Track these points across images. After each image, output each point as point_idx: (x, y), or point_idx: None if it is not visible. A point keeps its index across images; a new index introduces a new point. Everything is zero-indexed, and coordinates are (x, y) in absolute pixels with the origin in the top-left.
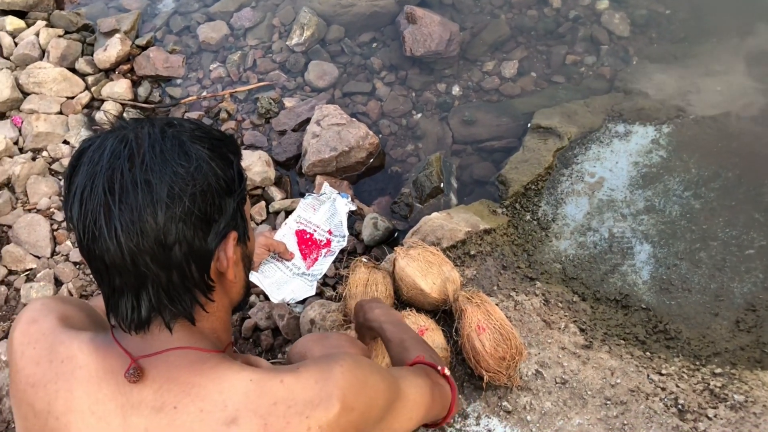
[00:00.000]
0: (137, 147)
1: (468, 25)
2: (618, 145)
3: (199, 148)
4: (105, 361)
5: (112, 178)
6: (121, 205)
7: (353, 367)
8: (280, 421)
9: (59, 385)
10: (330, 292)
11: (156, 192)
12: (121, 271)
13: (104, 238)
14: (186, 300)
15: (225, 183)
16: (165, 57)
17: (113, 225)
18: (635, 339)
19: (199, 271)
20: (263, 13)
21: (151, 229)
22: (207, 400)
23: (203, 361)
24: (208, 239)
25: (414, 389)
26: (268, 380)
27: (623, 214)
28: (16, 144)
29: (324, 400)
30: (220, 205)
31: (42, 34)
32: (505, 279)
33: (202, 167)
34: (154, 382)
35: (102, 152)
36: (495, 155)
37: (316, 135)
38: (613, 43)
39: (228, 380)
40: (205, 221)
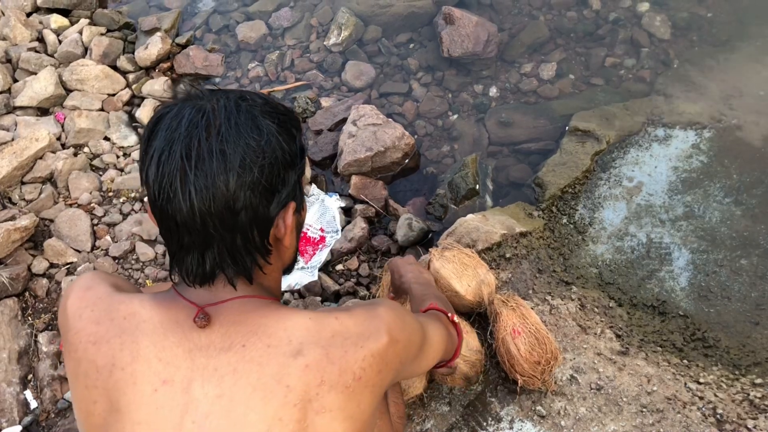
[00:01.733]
0: (213, 118)
1: (506, 27)
2: (657, 149)
3: (269, 122)
4: (169, 312)
5: (189, 145)
6: (197, 171)
7: (394, 307)
8: (339, 350)
9: (123, 339)
10: (363, 291)
11: (230, 161)
12: (191, 230)
13: (179, 199)
14: (247, 261)
15: (290, 156)
16: (204, 56)
17: (188, 188)
18: (672, 346)
19: (260, 235)
20: (301, 13)
21: (222, 194)
22: (273, 337)
23: (266, 306)
24: (270, 207)
25: (435, 332)
26: (325, 318)
27: (662, 219)
28: (59, 140)
29: (374, 332)
30: (284, 176)
31: (85, 32)
32: (540, 283)
33: (271, 141)
34: (222, 326)
35: (180, 120)
36: (531, 158)
37: (352, 135)
38: (654, 46)
39: (290, 319)
40: (270, 191)
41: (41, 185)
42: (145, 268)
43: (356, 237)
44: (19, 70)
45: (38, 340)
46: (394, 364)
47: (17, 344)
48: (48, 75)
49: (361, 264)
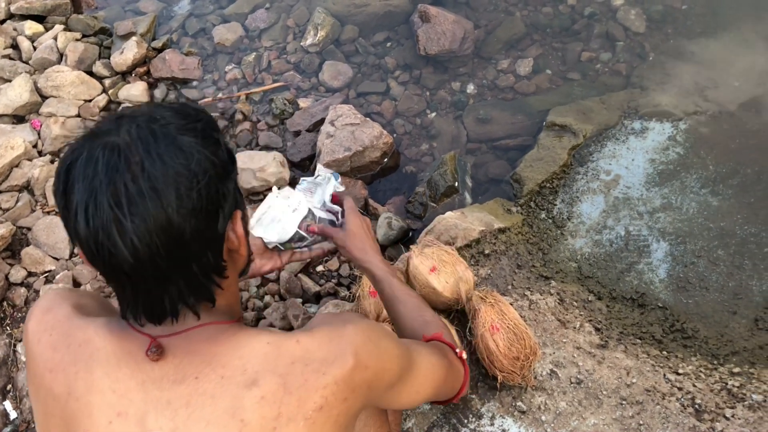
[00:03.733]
0: (131, 154)
1: (482, 23)
2: (634, 142)
3: (189, 139)
4: (122, 342)
5: (116, 192)
6: (132, 217)
7: (366, 328)
8: (299, 379)
9: (78, 367)
10: (344, 292)
11: (164, 197)
12: (144, 277)
13: (121, 250)
14: (206, 286)
15: (222, 167)
16: (181, 59)
17: (128, 237)
18: (652, 338)
19: (215, 256)
20: (277, 15)
21: (167, 232)
22: (227, 367)
23: (221, 332)
24: (218, 225)
25: (427, 364)
26: (285, 341)
27: (639, 211)
28: (35, 147)
29: (339, 356)
30: (223, 190)
31: (60, 38)
32: (519, 278)
33: (200, 160)
34: (175, 357)
35: (95, 165)
36: (510, 154)
37: (330, 135)
38: (629, 39)
39: (246, 345)
40: (214, 210)
41: (18, 193)
42: None
43: None
44: None
45: (17, 350)
46: (363, 390)
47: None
48: (23, 82)
49: (342, 264)
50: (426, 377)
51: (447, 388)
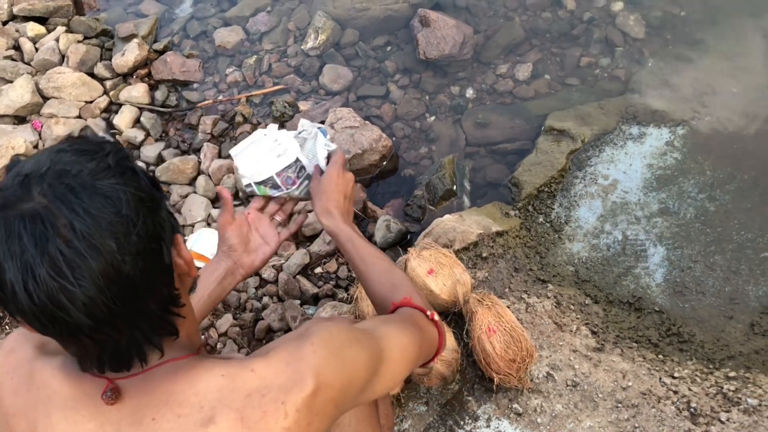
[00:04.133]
0: (56, 218)
1: (482, 28)
2: (632, 147)
3: (108, 182)
4: (80, 386)
5: (54, 262)
6: (79, 282)
7: (327, 341)
8: (257, 412)
9: (38, 412)
10: (342, 293)
11: (105, 251)
12: (106, 331)
13: (76, 317)
14: (168, 320)
15: (150, 200)
16: (182, 61)
17: (80, 302)
18: (648, 342)
19: (168, 287)
20: (278, 18)
21: (117, 283)
22: (184, 405)
23: (178, 369)
24: (164, 258)
25: (398, 347)
26: (240, 372)
27: (637, 216)
28: (36, 148)
29: (297, 381)
30: (159, 222)
31: (62, 39)
32: (517, 281)
33: (128, 201)
34: (132, 398)
35: (19, 239)
36: (508, 158)
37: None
38: (628, 45)
39: (202, 380)
40: (157, 245)
41: None
42: None
43: None
44: None
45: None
46: (329, 410)
47: None
48: (24, 83)
49: (340, 266)
50: (399, 362)
51: (422, 357)
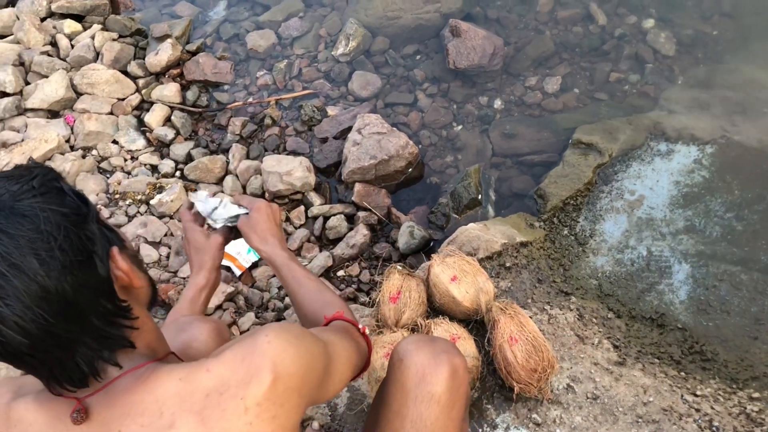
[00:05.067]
0: None
1: (512, 40)
2: (660, 163)
3: (28, 202)
4: (50, 411)
5: None
6: (6, 301)
7: (280, 332)
8: (216, 411)
9: None
10: (364, 297)
11: (27, 269)
12: (47, 349)
13: (12, 337)
14: (116, 333)
15: (75, 213)
16: (214, 63)
17: (11, 322)
18: (670, 359)
19: (110, 300)
20: (310, 24)
21: (48, 300)
22: (145, 414)
23: (137, 378)
24: (98, 269)
25: (341, 350)
26: (196, 373)
27: (662, 233)
28: (68, 142)
29: (255, 374)
30: (86, 235)
31: (97, 37)
32: (539, 292)
33: (47, 218)
34: (99, 414)
35: None
36: (534, 169)
37: (357, 143)
38: (658, 62)
39: (160, 386)
40: (86, 258)
41: None
42: (149, 270)
43: (358, 244)
44: (32, 73)
45: None
46: (293, 400)
47: None
48: (59, 78)
49: (362, 270)
50: (344, 364)
51: (357, 367)
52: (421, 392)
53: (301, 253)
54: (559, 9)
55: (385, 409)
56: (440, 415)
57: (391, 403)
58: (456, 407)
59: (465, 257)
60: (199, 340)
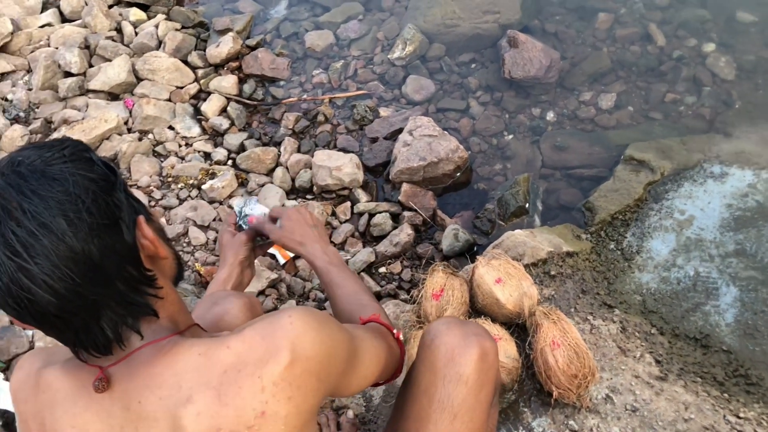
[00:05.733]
0: (7, 202)
1: (569, 55)
2: (712, 185)
3: (58, 167)
4: (75, 379)
5: (8, 243)
6: (35, 260)
7: (304, 315)
8: (233, 388)
9: (44, 413)
10: (404, 295)
11: (57, 228)
12: (74, 311)
13: (41, 297)
14: (140, 300)
15: (103, 180)
16: (272, 59)
17: (40, 280)
18: (713, 379)
19: (136, 267)
20: (369, 27)
21: (75, 260)
22: (164, 387)
23: (158, 351)
24: (124, 236)
25: (370, 347)
26: (216, 349)
27: (711, 254)
28: (126, 124)
29: (273, 354)
30: (113, 202)
31: (161, 26)
32: (583, 303)
33: (76, 182)
34: (120, 384)
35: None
36: (583, 183)
37: (407, 144)
38: (716, 86)
39: (180, 360)
40: (112, 223)
41: None
42: (195, 252)
43: (401, 242)
44: (96, 57)
45: None
46: (310, 384)
47: None
48: (122, 62)
49: (404, 269)
50: (371, 360)
51: (388, 370)
52: (450, 372)
53: (344, 248)
54: (617, 27)
55: (413, 388)
56: (468, 396)
57: (420, 382)
58: (485, 390)
59: (510, 261)
60: (231, 313)
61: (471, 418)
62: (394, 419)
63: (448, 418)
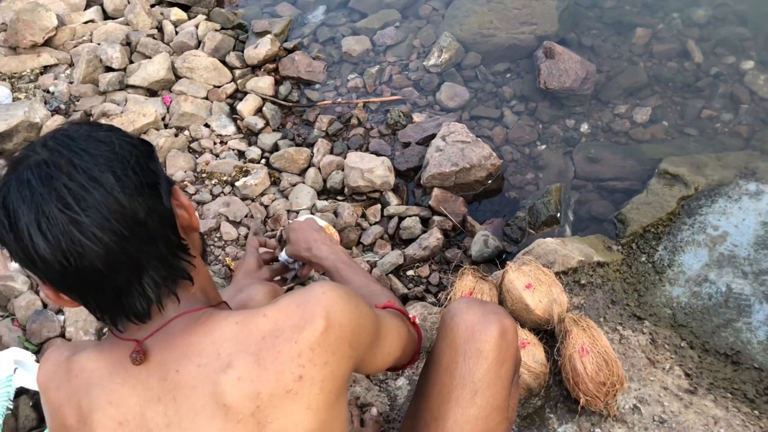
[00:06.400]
0: (58, 159)
1: (605, 68)
2: (747, 202)
3: (103, 133)
4: (111, 355)
5: (60, 196)
6: (85, 212)
7: (335, 287)
8: (271, 352)
9: (80, 395)
10: (431, 299)
11: (105, 183)
12: (119, 267)
13: (90, 248)
14: (178, 264)
15: (143, 147)
16: (308, 62)
17: (90, 232)
18: (744, 396)
19: (174, 233)
20: (405, 34)
21: (123, 215)
22: (202, 354)
23: (195, 320)
24: (163, 201)
25: (393, 326)
26: (252, 318)
27: (744, 271)
28: (163, 120)
29: (309, 320)
30: (152, 168)
31: (201, 26)
32: (612, 313)
33: (121, 144)
34: (156, 355)
35: (29, 185)
36: (615, 195)
37: (440, 149)
38: (754, 104)
39: (218, 329)
40: (152, 186)
41: None
42: (226, 247)
43: (431, 246)
44: (136, 53)
45: None
46: (343, 350)
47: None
48: (162, 60)
49: (432, 273)
50: (394, 338)
51: (407, 351)
52: (470, 348)
53: (373, 249)
54: (655, 43)
55: (435, 366)
56: (489, 371)
57: (441, 360)
58: (505, 366)
59: (541, 267)
60: (255, 299)
61: (492, 394)
62: (416, 398)
63: (469, 393)
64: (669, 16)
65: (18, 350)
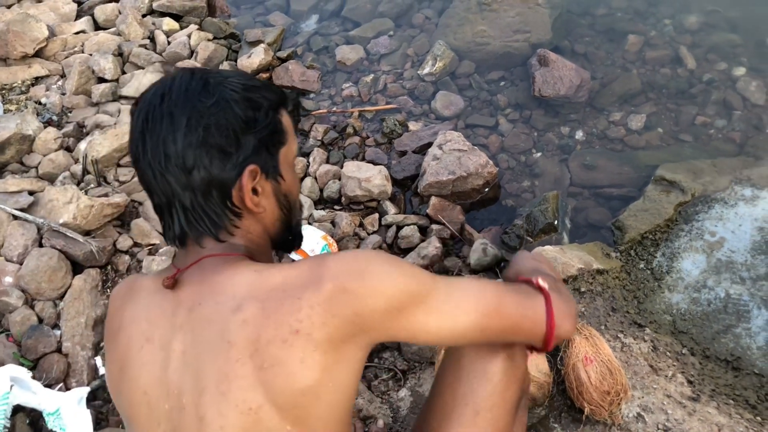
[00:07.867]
0: (171, 84)
1: (598, 75)
2: (743, 208)
3: (229, 90)
4: (157, 279)
5: (147, 112)
6: (150, 134)
7: (355, 255)
8: (275, 303)
9: (131, 307)
10: None
11: (176, 122)
12: (155, 191)
13: (142, 161)
14: (207, 219)
15: (244, 122)
16: (302, 71)
17: (147, 149)
18: (746, 402)
19: (221, 196)
20: (399, 43)
21: (172, 153)
22: (222, 294)
23: (225, 262)
24: (226, 168)
25: (465, 286)
26: (269, 270)
27: (742, 277)
28: None
29: (315, 281)
30: (237, 139)
31: (193, 36)
32: (613, 321)
33: (220, 104)
34: (189, 286)
35: (152, 94)
36: (612, 202)
37: (437, 158)
38: (747, 110)
39: (239, 274)
40: (221, 151)
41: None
42: None
43: (429, 255)
44: (129, 64)
45: None
46: (347, 315)
47: (94, 312)
48: (155, 70)
49: None
50: (461, 299)
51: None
52: (475, 368)
53: None
54: (647, 49)
55: (439, 384)
56: (492, 394)
57: (445, 378)
58: (510, 390)
59: None
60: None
61: (495, 416)
62: (421, 416)
63: (470, 412)
64: (661, 23)
65: (14, 367)
